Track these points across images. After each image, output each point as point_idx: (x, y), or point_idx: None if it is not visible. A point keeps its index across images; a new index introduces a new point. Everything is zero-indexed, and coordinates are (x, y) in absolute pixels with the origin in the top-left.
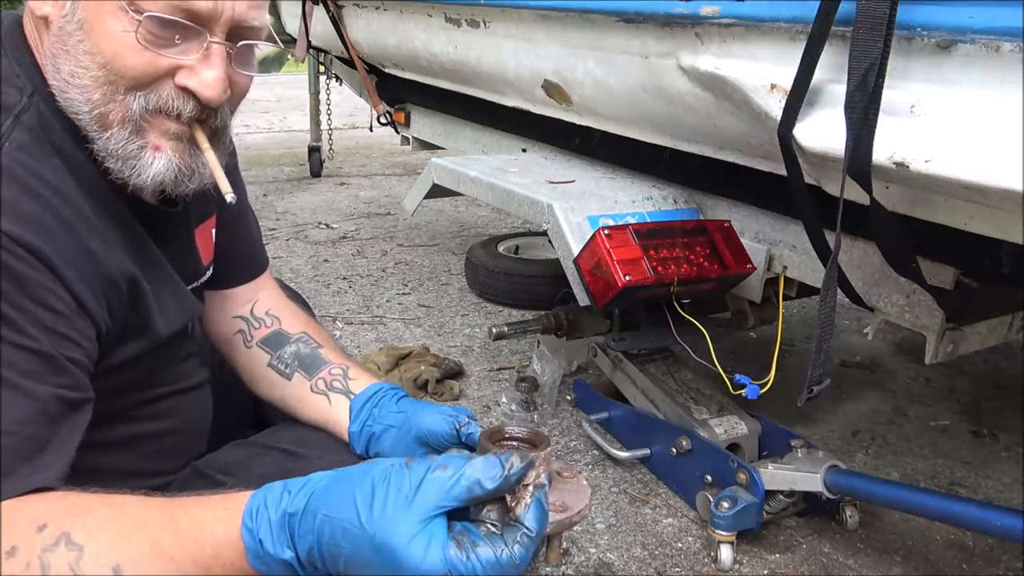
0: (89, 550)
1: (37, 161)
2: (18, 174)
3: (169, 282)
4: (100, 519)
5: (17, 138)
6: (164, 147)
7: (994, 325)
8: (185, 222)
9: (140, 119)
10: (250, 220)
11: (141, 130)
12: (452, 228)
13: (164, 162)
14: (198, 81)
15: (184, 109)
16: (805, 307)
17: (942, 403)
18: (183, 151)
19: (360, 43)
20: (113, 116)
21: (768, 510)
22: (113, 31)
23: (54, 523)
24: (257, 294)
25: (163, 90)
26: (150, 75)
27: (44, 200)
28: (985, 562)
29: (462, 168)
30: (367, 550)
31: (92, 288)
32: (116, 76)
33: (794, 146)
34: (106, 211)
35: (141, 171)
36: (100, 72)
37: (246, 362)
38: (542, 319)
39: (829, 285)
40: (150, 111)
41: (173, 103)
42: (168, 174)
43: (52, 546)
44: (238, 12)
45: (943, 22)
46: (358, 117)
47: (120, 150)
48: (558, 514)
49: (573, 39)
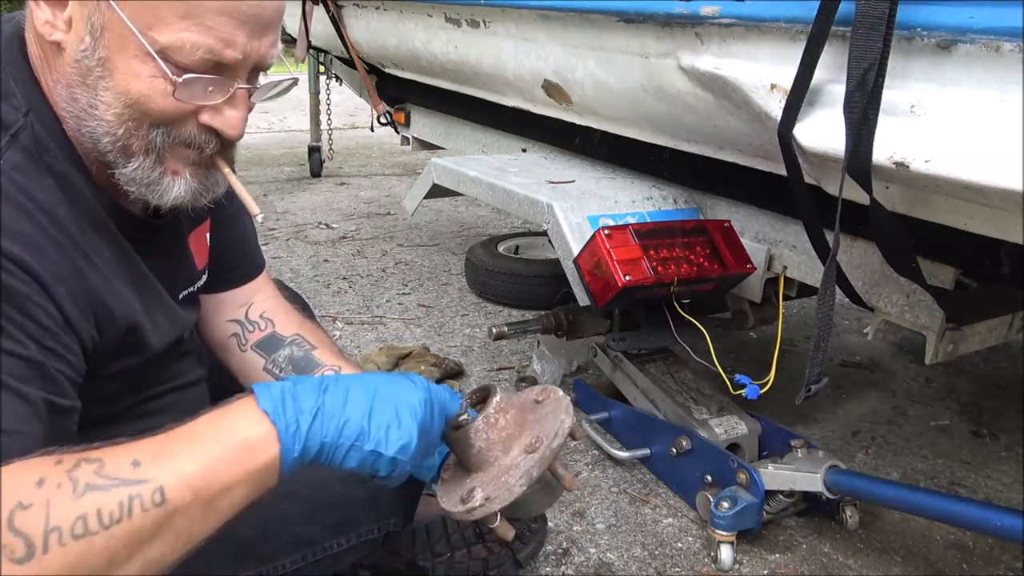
0: (108, 458)
1: (31, 181)
2: (12, 194)
3: (159, 298)
4: (106, 445)
5: (11, 158)
6: (182, 171)
7: (994, 325)
8: (176, 231)
9: (162, 150)
10: (246, 222)
11: (163, 159)
12: (452, 228)
13: (184, 186)
14: (223, 121)
15: (207, 145)
16: (805, 307)
17: (942, 403)
18: (201, 175)
19: (360, 43)
20: (136, 147)
21: (768, 510)
22: (140, 74)
23: (68, 457)
24: (253, 297)
25: (187, 127)
26: (175, 116)
27: (36, 220)
28: (985, 562)
29: (462, 168)
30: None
31: (80, 306)
32: (142, 115)
33: (794, 146)
34: (97, 230)
35: (163, 195)
36: (125, 110)
37: (241, 366)
38: (542, 319)
39: (828, 285)
40: (172, 144)
41: (196, 139)
42: (187, 196)
43: (74, 467)
44: (261, 55)
45: (943, 22)
46: (358, 117)
47: (144, 178)
48: (535, 453)
49: (573, 39)
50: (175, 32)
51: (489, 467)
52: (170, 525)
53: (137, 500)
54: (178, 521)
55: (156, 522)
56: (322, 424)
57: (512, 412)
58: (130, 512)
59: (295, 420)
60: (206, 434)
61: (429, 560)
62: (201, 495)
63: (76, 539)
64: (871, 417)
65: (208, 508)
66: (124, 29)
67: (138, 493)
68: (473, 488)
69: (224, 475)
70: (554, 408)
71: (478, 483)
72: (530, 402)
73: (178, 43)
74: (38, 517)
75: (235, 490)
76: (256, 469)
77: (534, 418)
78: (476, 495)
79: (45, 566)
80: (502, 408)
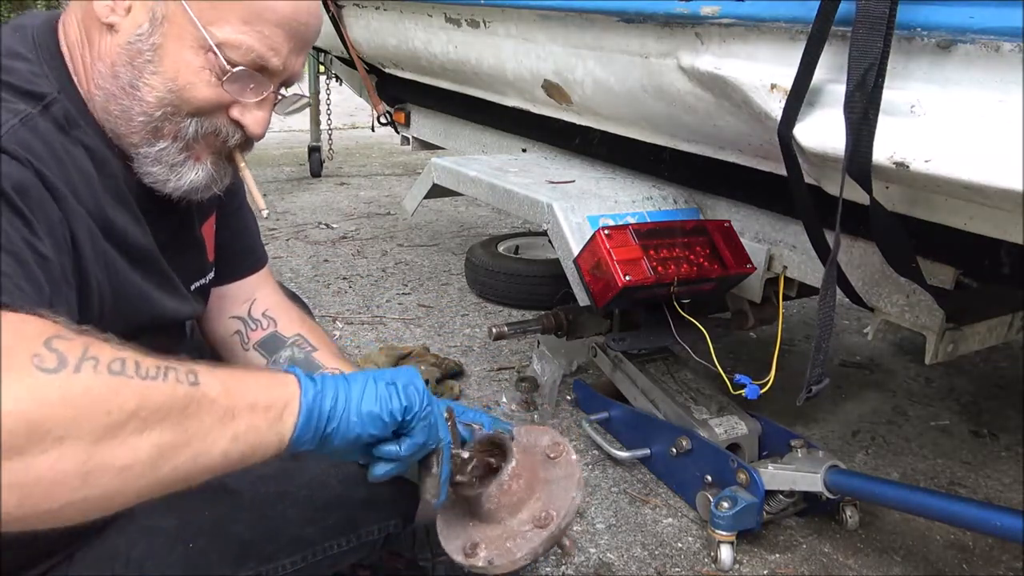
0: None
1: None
2: (47, 136)
3: (170, 280)
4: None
5: (44, 126)
6: (204, 159)
7: (994, 325)
8: (188, 219)
9: (191, 139)
10: (248, 215)
11: (190, 147)
12: (452, 228)
13: (203, 172)
14: (252, 119)
15: (233, 138)
16: (805, 307)
17: (942, 403)
18: (220, 166)
19: (360, 43)
20: (167, 131)
21: (768, 510)
22: (191, 64)
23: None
24: (255, 292)
25: (218, 119)
26: (215, 107)
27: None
28: (985, 562)
29: (462, 168)
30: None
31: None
32: (183, 102)
33: (794, 146)
34: (121, 205)
35: (181, 177)
36: (168, 95)
37: (243, 365)
38: (542, 319)
39: (828, 285)
40: (202, 133)
41: (224, 130)
42: (202, 182)
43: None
44: (295, 70)
45: (943, 22)
46: (358, 117)
47: (168, 158)
48: (543, 529)
49: (573, 39)
50: (235, 32)
51: (495, 524)
52: (193, 413)
53: (172, 372)
54: (200, 415)
55: (185, 398)
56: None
57: (525, 476)
58: (165, 375)
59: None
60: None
61: (429, 560)
62: (230, 395)
63: (112, 374)
64: (871, 417)
65: (229, 419)
66: (187, 22)
67: (174, 366)
68: (477, 544)
69: (251, 393)
70: (567, 474)
71: (482, 539)
72: (542, 453)
73: (235, 42)
74: (77, 346)
75: (256, 416)
76: (277, 404)
77: (544, 477)
78: (480, 554)
79: (73, 383)
80: (516, 474)
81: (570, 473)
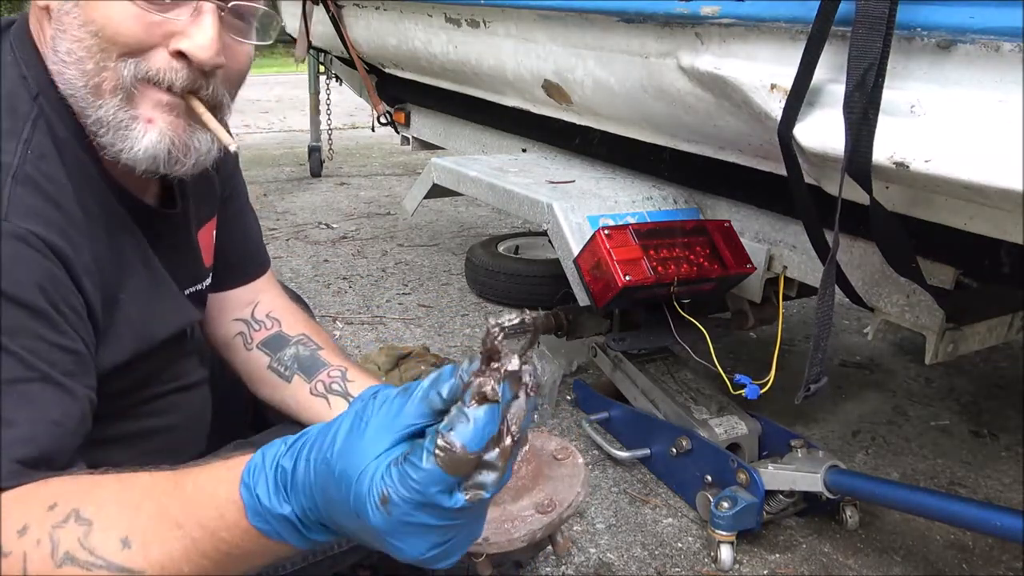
0: (97, 523)
1: (54, 167)
2: (41, 183)
3: (167, 288)
4: (110, 492)
5: (39, 144)
6: (157, 120)
7: (994, 325)
8: (185, 224)
9: (131, 87)
10: (251, 220)
11: (132, 99)
12: (452, 228)
13: (156, 135)
14: (189, 43)
15: (176, 80)
16: (805, 307)
17: (942, 403)
18: (178, 126)
19: (360, 43)
20: (106, 85)
21: (768, 510)
22: (111, 2)
23: (64, 501)
24: (258, 296)
25: (155, 58)
26: (142, 40)
27: (64, 208)
28: (985, 562)
29: (462, 168)
30: (333, 488)
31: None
32: (108, 43)
33: (794, 146)
34: (108, 213)
35: (133, 143)
36: (93, 41)
37: (246, 365)
38: (542, 319)
39: (827, 284)
40: (140, 80)
41: (164, 74)
42: (160, 148)
43: (62, 523)
44: None
45: (943, 22)
46: (358, 117)
47: (112, 119)
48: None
49: (573, 39)
50: None
51: (496, 506)
52: None
53: None
54: None
55: None
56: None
57: (533, 464)
58: None
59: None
60: (190, 522)
61: None
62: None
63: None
64: (871, 417)
65: None
66: None
67: None
68: None
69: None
70: (572, 473)
71: None
72: (548, 455)
73: None
74: (15, 568)
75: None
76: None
77: (550, 474)
78: None
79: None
80: (526, 459)
81: (576, 472)
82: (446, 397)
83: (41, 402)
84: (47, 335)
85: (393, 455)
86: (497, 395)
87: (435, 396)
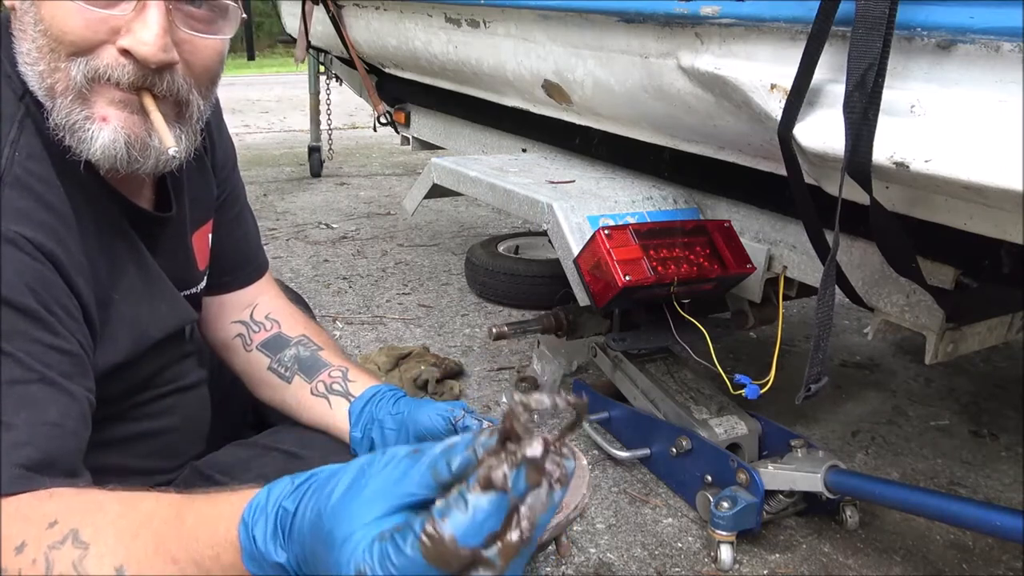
0: (94, 548)
1: (44, 167)
2: (30, 184)
3: (163, 287)
4: (110, 516)
5: (27, 144)
6: (111, 118)
7: (994, 325)
8: (180, 227)
9: (83, 87)
10: (249, 223)
11: (85, 99)
12: (452, 228)
13: (111, 133)
14: (131, 39)
15: (123, 76)
16: (805, 307)
17: (942, 403)
18: (133, 123)
19: (360, 43)
20: (59, 86)
21: (768, 510)
22: (58, 3)
23: (64, 520)
24: (257, 298)
25: (104, 55)
26: (87, 37)
27: (55, 209)
28: (985, 562)
29: (462, 168)
30: (320, 546)
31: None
32: (56, 42)
33: (794, 146)
34: (99, 213)
35: (89, 143)
36: (44, 40)
37: (246, 366)
38: (542, 319)
39: (827, 284)
40: (91, 79)
41: (112, 71)
42: (116, 146)
43: (59, 543)
44: None
45: (943, 22)
46: (358, 117)
47: (66, 120)
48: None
49: (573, 39)
50: None
51: None
52: None
53: None
54: None
55: None
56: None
57: None
58: None
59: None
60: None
61: None
62: None
63: None
64: (871, 417)
65: None
66: None
67: None
68: None
69: None
70: (577, 475)
71: None
72: None
73: None
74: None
75: None
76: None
77: None
78: None
79: None
80: None
81: (580, 475)
82: (454, 471)
83: (40, 403)
84: (42, 337)
85: (384, 525)
86: (507, 484)
87: (443, 467)
